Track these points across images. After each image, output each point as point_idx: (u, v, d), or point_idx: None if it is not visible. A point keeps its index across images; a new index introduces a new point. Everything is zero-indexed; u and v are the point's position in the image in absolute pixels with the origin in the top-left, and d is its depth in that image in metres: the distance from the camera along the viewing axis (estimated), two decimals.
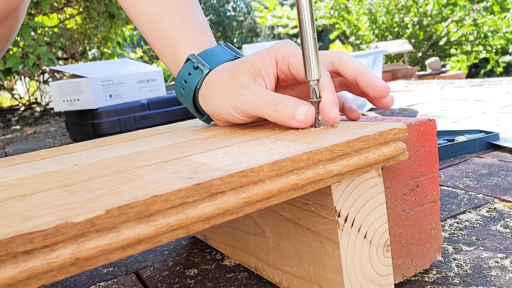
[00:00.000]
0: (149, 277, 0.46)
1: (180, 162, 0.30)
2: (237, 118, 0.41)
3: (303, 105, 0.35)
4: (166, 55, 0.49)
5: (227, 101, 0.40)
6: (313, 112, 0.35)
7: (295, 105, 0.36)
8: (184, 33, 0.47)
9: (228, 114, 0.41)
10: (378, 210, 0.34)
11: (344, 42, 7.49)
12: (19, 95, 3.51)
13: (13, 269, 0.19)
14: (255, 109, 0.38)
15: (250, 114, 0.39)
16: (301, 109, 0.35)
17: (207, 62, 0.43)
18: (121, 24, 2.91)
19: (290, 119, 0.36)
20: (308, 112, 0.35)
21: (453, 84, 2.12)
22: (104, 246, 0.21)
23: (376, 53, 1.38)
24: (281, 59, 0.39)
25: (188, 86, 0.44)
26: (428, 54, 6.25)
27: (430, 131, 0.38)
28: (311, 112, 0.35)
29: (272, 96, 0.37)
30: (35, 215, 0.22)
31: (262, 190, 0.26)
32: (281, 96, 0.37)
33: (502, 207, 0.53)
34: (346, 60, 0.39)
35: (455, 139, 0.82)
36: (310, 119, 0.35)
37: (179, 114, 1.45)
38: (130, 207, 0.22)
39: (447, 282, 0.38)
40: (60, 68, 1.79)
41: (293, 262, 0.37)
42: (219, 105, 0.41)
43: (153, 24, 0.50)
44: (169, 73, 4.88)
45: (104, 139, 0.48)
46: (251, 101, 0.38)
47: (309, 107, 0.35)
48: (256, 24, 12.93)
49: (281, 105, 0.36)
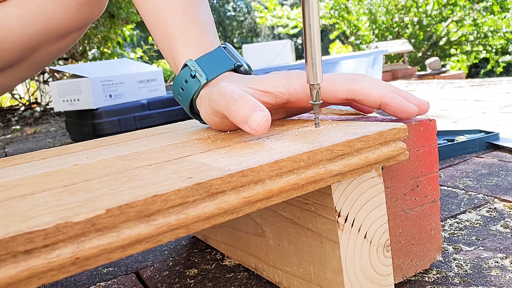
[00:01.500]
0: (149, 277, 0.46)
1: (180, 162, 0.30)
2: (215, 121, 0.40)
3: (259, 111, 0.32)
4: (166, 52, 0.49)
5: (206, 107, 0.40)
6: (268, 122, 0.32)
7: (251, 109, 0.33)
8: (185, 32, 0.46)
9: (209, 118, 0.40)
10: (378, 210, 0.34)
11: (344, 42, 7.50)
12: (19, 95, 3.51)
13: (13, 268, 0.19)
14: (218, 106, 0.36)
15: (218, 112, 0.37)
16: (256, 115, 0.32)
17: (205, 70, 0.42)
18: (121, 24, 2.91)
19: (243, 123, 0.33)
20: (262, 120, 0.32)
21: (453, 84, 2.12)
22: (105, 246, 0.21)
23: (376, 53, 1.38)
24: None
25: (185, 94, 0.44)
26: (428, 54, 6.25)
27: (430, 131, 0.38)
28: (266, 121, 0.32)
29: (232, 93, 0.35)
30: (35, 215, 0.22)
31: (262, 189, 0.26)
32: (240, 95, 0.35)
33: (502, 207, 0.53)
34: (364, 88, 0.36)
35: (455, 139, 0.82)
36: (263, 128, 0.32)
37: (179, 114, 1.45)
38: (131, 207, 0.22)
39: (447, 282, 0.38)
40: (60, 68, 1.79)
41: (293, 262, 0.37)
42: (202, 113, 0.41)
43: (157, 17, 0.49)
44: (169, 73, 4.88)
45: (104, 139, 0.48)
46: (216, 98, 0.37)
47: (264, 114, 0.32)
48: (256, 24, 12.93)
49: (237, 105, 0.34)
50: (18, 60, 0.70)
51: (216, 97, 0.37)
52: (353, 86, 0.37)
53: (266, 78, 0.39)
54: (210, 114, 0.39)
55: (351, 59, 1.34)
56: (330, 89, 0.37)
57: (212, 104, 0.38)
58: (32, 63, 0.73)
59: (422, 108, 0.36)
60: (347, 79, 0.37)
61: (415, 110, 0.35)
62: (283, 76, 0.38)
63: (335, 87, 0.37)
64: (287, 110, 0.42)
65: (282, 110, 0.42)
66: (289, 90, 0.38)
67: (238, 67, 0.44)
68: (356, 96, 0.36)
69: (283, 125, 0.40)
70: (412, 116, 0.36)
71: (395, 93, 0.36)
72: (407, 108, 0.35)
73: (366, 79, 0.37)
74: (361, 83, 0.36)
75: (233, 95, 0.35)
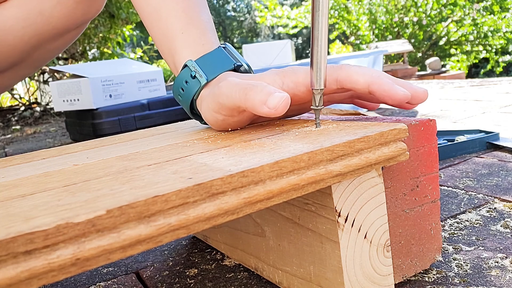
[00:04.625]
0: (149, 277, 0.46)
1: (180, 162, 0.30)
2: (217, 119, 0.40)
3: (277, 93, 0.33)
4: (166, 53, 0.49)
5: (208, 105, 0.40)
6: (287, 102, 0.33)
7: (269, 92, 0.33)
8: (185, 33, 0.46)
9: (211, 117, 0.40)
10: (378, 210, 0.34)
11: (344, 42, 7.50)
12: (19, 95, 3.51)
13: (13, 269, 0.19)
14: (229, 98, 0.36)
15: (226, 106, 0.37)
16: (275, 96, 0.33)
17: (204, 71, 0.42)
18: (121, 24, 2.91)
19: (262, 104, 0.33)
20: (281, 100, 0.33)
21: (453, 84, 2.12)
22: (105, 246, 0.21)
23: (376, 53, 1.38)
24: None
25: (185, 95, 0.44)
26: (428, 54, 6.25)
27: (430, 131, 0.38)
28: (285, 100, 0.33)
29: (247, 82, 0.36)
30: (35, 215, 0.22)
31: (263, 190, 0.26)
32: (257, 82, 0.35)
33: (502, 207, 0.53)
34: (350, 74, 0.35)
35: (455, 139, 0.82)
36: (282, 107, 0.33)
37: (179, 114, 1.45)
38: (131, 207, 0.22)
39: (447, 282, 0.38)
40: (60, 68, 1.79)
41: (293, 262, 0.37)
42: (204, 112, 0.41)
43: (156, 17, 0.49)
44: (169, 73, 4.88)
45: (104, 139, 0.48)
46: (225, 91, 0.37)
47: (283, 95, 0.33)
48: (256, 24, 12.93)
49: (255, 90, 0.34)
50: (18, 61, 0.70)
51: (227, 90, 0.37)
52: (340, 74, 0.36)
53: (262, 76, 0.39)
54: (213, 111, 0.39)
55: (351, 59, 1.34)
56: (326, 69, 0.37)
57: (219, 98, 0.38)
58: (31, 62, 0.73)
59: (417, 96, 0.34)
60: (333, 68, 0.37)
61: (405, 94, 0.33)
62: (277, 74, 0.39)
63: None
64: None
65: None
66: (282, 88, 0.38)
67: (238, 67, 0.44)
68: (344, 84, 0.36)
69: (283, 125, 0.40)
70: (403, 101, 0.34)
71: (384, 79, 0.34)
72: (396, 92, 0.33)
73: (354, 66, 0.36)
74: (348, 70, 0.36)
75: (250, 82, 0.35)
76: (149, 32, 0.51)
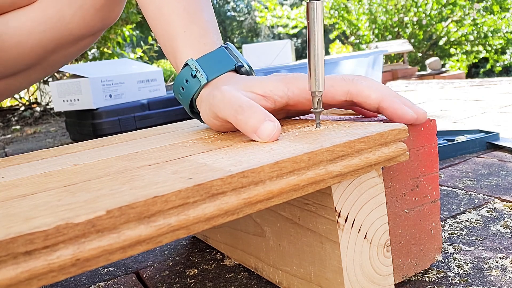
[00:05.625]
0: (149, 277, 0.46)
1: (180, 162, 0.30)
2: (215, 124, 0.40)
3: (268, 121, 0.33)
4: (168, 51, 0.49)
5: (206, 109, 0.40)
6: (278, 132, 0.33)
7: (260, 120, 0.33)
8: (187, 31, 0.46)
9: (209, 121, 0.40)
10: (378, 210, 0.34)
11: (344, 42, 7.50)
12: (19, 95, 3.51)
13: (13, 269, 0.19)
14: (221, 112, 0.36)
15: (219, 117, 0.37)
16: (266, 126, 0.33)
17: (205, 70, 0.42)
18: (121, 24, 2.91)
19: (252, 133, 0.33)
20: (272, 132, 0.33)
21: (453, 84, 2.12)
22: (105, 247, 0.21)
23: (376, 53, 1.38)
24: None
25: (185, 93, 0.44)
26: (428, 54, 6.25)
27: (430, 131, 0.38)
28: (276, 131, 0.33)
29: (239, 101, 0.35)
30: (35, 216, 0.22)
31: (263, 190, 0.26)
32: (248, 104, 0.35)
33: (502, 207, 0.53)
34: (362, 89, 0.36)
35: (455, 139, 0.82)
36: (274, 138, 0.33)
37: (179, 114, 1.45)
38: (131, 208, 0.22)
39: (447, 282, 0.38)
40: (60, 68, 1.79)
41: (293, 262, 0.37)
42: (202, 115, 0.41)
43: (159, 14, 0.49)
44: (169, 73, 4.88)
45: (104, 139, 0.48)
46: (219, 104, 0.37)
47: (274, 125, 0.33)
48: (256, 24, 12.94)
49: (245, 114, 0.34)
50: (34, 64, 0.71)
51: (220, 104, 0.37)
52: (351, 88, 0.36)
53: (265, 81, 0.39)
54: (210, 117, 0.39)
55: (351, 59, 1.34)
56: (328, 91, 0.37)
57: (214, 109, 0.38)
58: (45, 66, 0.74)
59: (419, 118, 0.35)
60: (345, 81, 0.37)
61: (412, 116, 0.35)
62: (282, 80, 0.38)
63: (332, 90, 0.37)
64: (286, 112, 0.42)
65: (282, 112, 0.42)
66: (287, 94, 0.38)
67: (239, 67, 0.44)
68: (354, 98, 0.36)
69: (283, 125, 0.40)
70: (409, 123, 0.35)
71: (394, 98, 0.35)
72: (405, 113, 0.35)
73: (366, 80, 0.37)
74: (360, 85, 0.36)
75: (241, 104, 0.35)
76: (152, 30, 0.51)
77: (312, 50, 0.34)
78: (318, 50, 0.34)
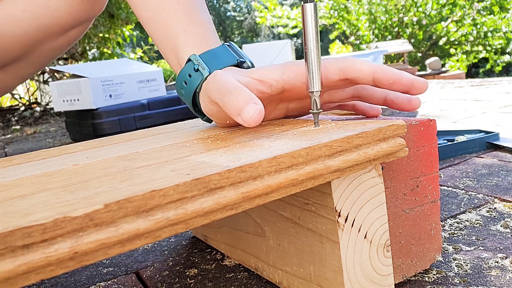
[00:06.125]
0: (149, 277, 0.46)
1: (180, 161, 0.30)
2: (211, 110, 0.40)
3: (252, 104, 0.33)
4: (168, 51, 0.49)
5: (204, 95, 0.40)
6: (261, 115, 0.33)
7: (245, 101, 0.33)
8: (188, 31, 0.47)
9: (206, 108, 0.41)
10: (378, 210, 0.34)
11: (344, 42, 7.50)
12: (19, 95, 3.51)
13: (11, 263, 0.19)
14: (213, 95, 0.37)
15: (212, 100, 0.38)
16: (250, 107, 0.33)
17: (208, 64, 0.43)
18: (121, 24, 2.91)
19: (236, 114, 0.33)
20: (255, 113, 0.32)
21: (453, 84, 2.12)
22: (103, 241, 0.21)
23: (376, 53, 1.38)
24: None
25: (187, 88, 0.44)
26: (428, 54, 6.25)
27: (430, 131, 0.38)
28: (258, 113, 0.33)
29: (227, 84, 0.36)
30: (34, 211, 0.22)
31: (261, 185, 0.26)
32: (234, 85, 0.35)
33: (502, 207, 0.53)
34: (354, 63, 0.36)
35: (455, 139, 0.82)
36: (255, 121, 0.33)
37: (179, 114, 1.45)
38: (129, 202, 0.22)
39: (447, 282, 0.38)
40: (60, 68, 1.79)
41: (293, 262, 0.37)
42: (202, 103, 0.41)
43: (157, 19, 0.49)
44: (169, 73, 4.88)
45: (104, 139, 0.48)
46: (210, 86, 0.38)
47: (257, 107, 0.33)
48: (256, 24, 12.93)
49: (231, 97, 0.34)
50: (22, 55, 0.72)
51: (211, 86, 0.38)
52: (343, 64, 0.36)
53: (263, 68, 0.40)
54: (207, 102, 0.40)
55: None
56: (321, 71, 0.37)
57: (208, 93, 0.38)
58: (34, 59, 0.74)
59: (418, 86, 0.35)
60: (337, 59, 0.37)
61: (409, 80, 0.34)
62: (278, 66, 0.39)
63: (325, 69, 0.37)
64: (287, 105, 0.42)
65: (281, 104, 0.42)
66: (283, 78, 0.38)
67: (241, 63, 0.44)
68: (348, 74, 0.36)
69: (283, 125, 0.40)
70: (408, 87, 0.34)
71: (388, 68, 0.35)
72: (401, 76, 0.34)
73: (357, 58, 0.37)
74: (351, 61, 0.36)
75: (228, 86, 0.35)
76: (150, 34, 0.51)
77: (308, 51, 0.34)
78: (313, 51, 0.34)
